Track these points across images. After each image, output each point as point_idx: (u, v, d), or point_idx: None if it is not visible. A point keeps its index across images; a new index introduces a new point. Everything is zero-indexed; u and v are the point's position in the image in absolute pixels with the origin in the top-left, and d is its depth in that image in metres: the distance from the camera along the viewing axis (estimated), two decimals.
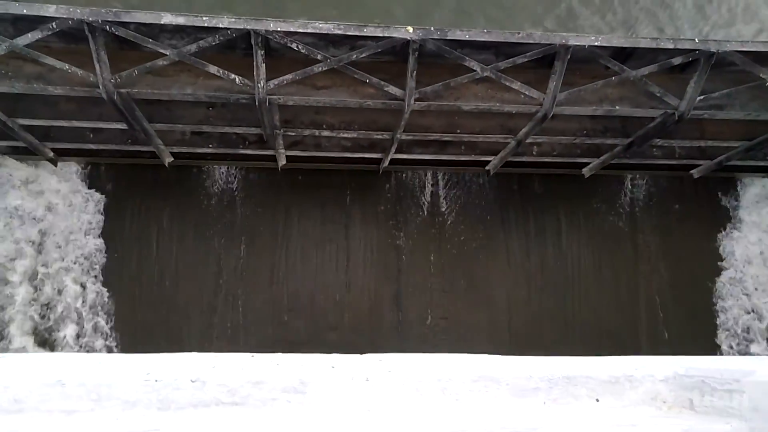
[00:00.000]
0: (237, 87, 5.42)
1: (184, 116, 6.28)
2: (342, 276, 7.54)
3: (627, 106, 6.02)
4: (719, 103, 6.09)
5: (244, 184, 7.53)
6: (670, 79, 6.02)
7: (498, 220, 7.89)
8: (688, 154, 7.42)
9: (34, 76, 5.32)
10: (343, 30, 5.10)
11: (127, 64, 5.26)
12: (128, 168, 7.30)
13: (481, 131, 6.66)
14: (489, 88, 5.86)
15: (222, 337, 7.21)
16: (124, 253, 7.21)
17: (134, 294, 7.18)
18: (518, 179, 7.96)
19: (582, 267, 7.91)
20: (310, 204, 7.60)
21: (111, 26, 4.88)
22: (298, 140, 6.89)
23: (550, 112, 5.83)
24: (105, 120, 6.10)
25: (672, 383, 2.88)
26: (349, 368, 2.77)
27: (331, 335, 7.34)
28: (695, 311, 7.93)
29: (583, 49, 5.39)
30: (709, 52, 5.51)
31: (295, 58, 5.42)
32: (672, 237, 8.08)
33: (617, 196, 8.11)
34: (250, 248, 7.43)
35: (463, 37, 5.24)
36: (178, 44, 5.21)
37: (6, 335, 6.80)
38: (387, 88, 5.54)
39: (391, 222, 7.74)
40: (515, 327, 7.69)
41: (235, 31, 5.01)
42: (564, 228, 7.96)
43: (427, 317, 7.60)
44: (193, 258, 7.34)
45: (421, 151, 7.14)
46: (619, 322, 7.82)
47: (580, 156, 7.39)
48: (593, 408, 2.79)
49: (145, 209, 7.33)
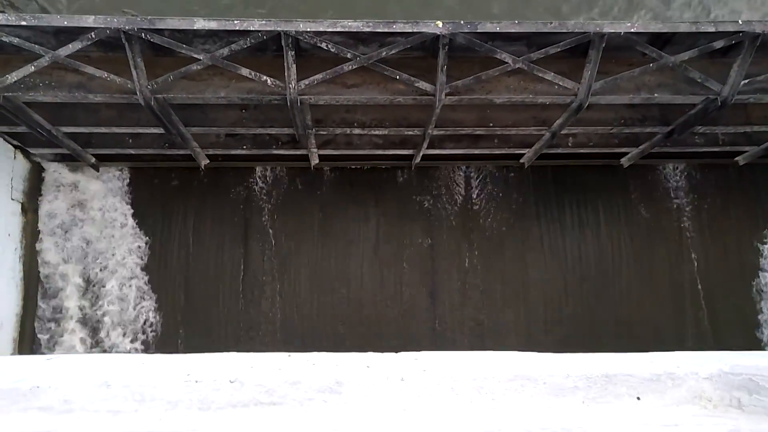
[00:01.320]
0: (269, 88, 5.48)
1: (219, 119, 6.40)
2: (376, 274, 7.56)
3: (666, 94, 5.82)
4: (765, 87, 5.82)
5: (277, 184, 7.64)
6: (711, 63, 5.78)
7: (534, 215, 7.77)
8: (733, 141, 7.13)
9: (76, 85, 5.50)
10: (372, 27, 5.09)
11: (162, 70, 5.39)
12: (166, 171, 7.51)
13: (515, 124, 6.55)
14: (521, 80, 5.75)
15: (259, 336, 7.34)
16: (163, 256, 7.42)
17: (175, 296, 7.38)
18: (554, 172, 7.81)
19: (622, 261, 7.70)
20: (342, 202, 7.64)
21: (146, 33, 5.00)
22: (330, 139, 6.93)
23: (585, 102, 5.69)
24: (143, 125, 6.27)
25: (717, 381, 2.78)
26: (384, 367, 2.78)
27: (366, 334, 7.38)
28: (742, 305, 7.62)
29: (619, 36, 5.22)
30: (754, 34, 5.26)
31: (325, 58, 5.45)
32: (716, 227, 7.78)
33: (658, 186, 7.86)
34: (285, 248, 7.53)
35: (494, 29, 5.15)
36: (211, 48, 5.30)
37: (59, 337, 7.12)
38: (417, 84, 5.51)
39: (425, 219, 7.71)
40: (553, 324, 7.56)
41: (265, 33, 5.07)
42: (602, 220, 7.77)
43: (462, 315, 7.54)
44: (229, 259, 7.49)
45: (453, 146, 7.08)
46: (662, 316, 7.59)
47: (617, 146, 7.19)
48: (634, 407, 2.72)
49: (183, 211, 7.52)
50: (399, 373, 2.75)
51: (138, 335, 7.24)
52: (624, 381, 2.78)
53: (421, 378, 2.75)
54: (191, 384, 2.64)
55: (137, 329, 7.25)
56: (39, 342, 7.11)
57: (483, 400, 2.72)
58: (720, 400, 2.72)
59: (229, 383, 2.64)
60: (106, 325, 7.23)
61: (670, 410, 2.70)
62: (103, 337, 7.21)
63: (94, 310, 7.24)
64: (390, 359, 2.89)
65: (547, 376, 2.79)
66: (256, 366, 2.77)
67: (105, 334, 7.21)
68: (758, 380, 2.66)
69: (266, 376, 2.67)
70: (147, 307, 7.29)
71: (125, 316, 7.25)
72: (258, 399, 2.62)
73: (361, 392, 2.67)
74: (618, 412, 2.68)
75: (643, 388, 2.77)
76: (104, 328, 7.23)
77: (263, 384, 2.64)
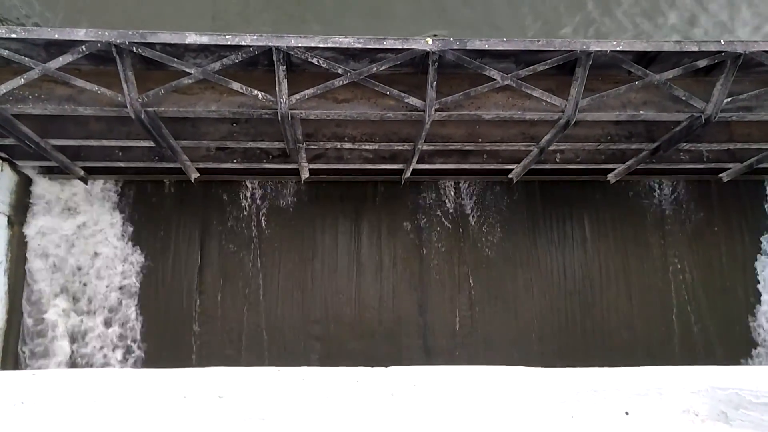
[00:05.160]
0: (260, 102, 5.50)
1: (209, 132, 6.40)
2: (366, 288, 7.56)
3: (652, 111, 5.92)
4: (748, 105, 5.95)
5: (267, 198, 7.64)
6: (695, 82, 5.91)
7: (523, 229, 7.83)
8: (717, 158, 7.25)
9: (65, 98, 5.49)
10: (362, 43, 5.14)
11: (153, 83, 5.40)
12: (155, 185, 7.48)
13: (503, 140, 6.62)
14: (510, 97, 5.83)
15: (248, 351, 7.29)
16: (152, 268, 7.36)
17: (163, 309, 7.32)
18: (542, 187, 7.89)
19: (610, 275, 7.77)
20: (333, 216, 7.66)
21: (138, 47, 5.01)
22: (321, 153, 6.96)
23: (572, 119, 5.77)
24: (133, 138, 6.25)
25: (704, 395, 2.81)
26: (374, 382, 2.78)
27: (356, 348, 7.35)
28: (729, 320, 7.70)
29: (605, 54, 5.32)
30: (735, 54, 5.39)
31: (316, 73, 5.50)
32: (703, 243, 7.89)
33: (644, 202, 7.97)
34: (275, 261, 7.51)
35: (483, 46, 5.23)
36: (203, 63, 5.32)
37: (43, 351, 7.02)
38: (407, 100, 5.56)
39: (415, 233, 7.74)
40: (543, 337, 7.58)
41: (257, 48, 5.10)
42: (590, 235, 7.85)
43: (452, 329, 7.55)
44: (218, 272, 7.45)
45: (442, 161, 7.13)
46: (650, 331, 7.65)
47: (604, 162, 7.28)
48: (623, 421, 2.73)
49: (172, 225, 7.49)
50: (389, 388, 2.75)
51: (125, 350, 7.15)
52: (613, 395, 2.79)
53: (410, 393, 2.75)
54: (179, 400, 2.61)
55: (124, 344, 7.16)
56: (23, 356, 6.99)
57: (473, 415, 2.72)
58: (707, 415, 2.74)
59: (218, 399, 2.62)
60: (93, 339, 7.13)
61: (659, 424, 2.72)
62: (89, 351, 7.11)
63: (80, 324, 7.15)
64: (380, 374, 2.88)
65: (536, 390, 2.80)
66: (245, 381, 2.75)
67: (91, 349, 7.12)
68: (744, 395, 2.69)
69: (256, 391, 2.66)
70: (134, 322, 7.21)
71: (112, 331, 7.16)
72: (247, 415, 2.59)
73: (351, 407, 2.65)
74: (607, 427, 2.69)
75: (632, 402, 2.78)
76: (90, 342, 7.13)
77: (252, 399, 2.62)
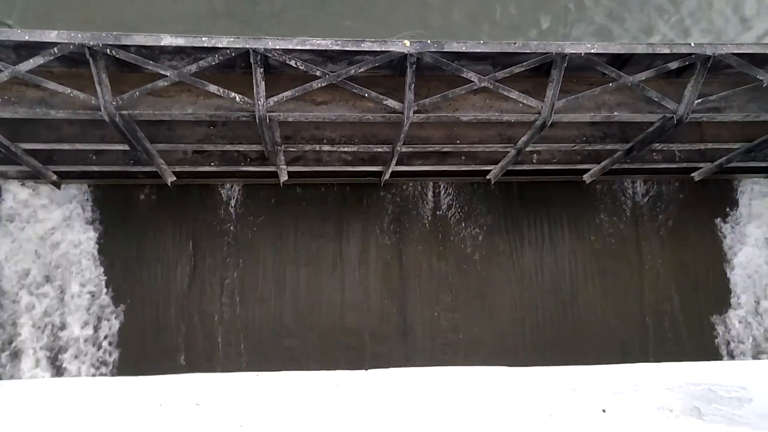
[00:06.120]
0: (237, 105, 5.46)
1: (186, 135, 6.33)
2: (346, 291, 7.54)
3: (625, 112, 6.03)
4: (717, 106, 6.10)
5: (246, 201, 7.57)
6: (668, 83, 6.04)
7: (501, 230, 7.89)
8: (689, 157, 7.42)
9: (37, 101, 5.37)
10: (340, 46, 5.14)
11: (128, 86, 5.32)
12: (130, 188, 7.36)
13: (481, 141, 6.68)
14: (487, 98, 5.89)
15: (226, 356, 7.21)
16: (126, 273, 7.24)
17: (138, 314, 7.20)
18: (519, 188, 7.97)
19: (586, 274, 7.88)
20: (312, 219, 7.62)
21: (112, 49, 4.93)
22: (299, 156, 6.93)
23: (548, 120, 5.85)
24: (107, 142, 6.15)
25: (678, 391, 2.87)
26: (354, 386, 2.77)
27: (335, 351, 7.33)
28: (701, 317, 7.88)
29: (580, 56, 5.41)
30: (705, 56, 5.52)
31: (294, 75, 5.47)
32: (675, 241, 8.05)
33: (619, 202, 8.10)
34: (254, 265, 7.45)
35: (460, 48, 5.27)
36: (178, 65, 5.26)
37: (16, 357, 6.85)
38: (386, 102, 5.58)
39: (394, 235, 7.75)
40: (522, 336, 7.65)
41: (234, 50, 5.06)
42: (567, 235, 7.95)
43: (432, 330, 7.57)
44: (195, 276, 7.36)
45: (421, 163, 7.16)
46: (625, 329, 7.78)
47: (580, 162, 7.39)
48: (600, 418, 2.77)
49: (148, 229, 7.37)
50: (369, 391, 2.75)
51: (97, 358, 7.02)
52: (590, 393, 2.83)
53: (391, 395, 2.75)
54: (155, 408, 2.58)
55: (97, 352, 7.02)
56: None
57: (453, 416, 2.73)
58: (681, 410, 2.80)
59: (195, 406, 2.59)
60: (64, 348, 6.98)
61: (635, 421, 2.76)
62: (61, 361, 6.96)
63: (52, 332, 6.99)
64: (359, 377, 2.88)
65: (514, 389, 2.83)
66: (222, 387, 2.72)
67: (63, 358, 6.96)
68: (716, 390, 2.75)
69: (233, 397, 2.63)
70: (107, 329, 7.08)
71: (84, 338, 7.02)
72: (225, 422, 2.57)
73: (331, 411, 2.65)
74: (584, 424, 2.72)
75: (609, 399, 2.83)
76: (62, 351, 6.98)
77: (230, 405, 2.60)
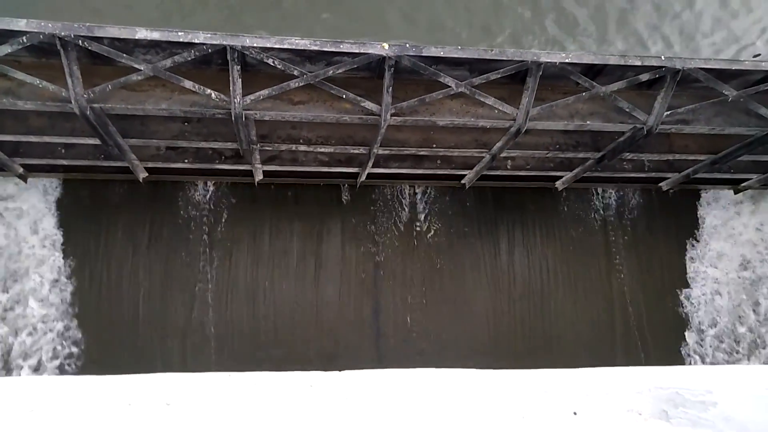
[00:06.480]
0: (213, 102, 5.39)
1: (159, 131, 6.21)
2: (320, 291, 7.50)
3: (597, 121, 6.17)
4: (685, 118, 6.30)
5: (220, 199, 7.46)
6: (638, 95, 6.20)
7: (475, 234, 7.96)
8: (657, 168, 7.62)
9: (4, 91, 5.21)
10: (319, 46, 5.12)
11: (100, 78, 5.20)
12: (101, 184, 7.18)
13: (457, 146, 6.73)
14: (463, 104, 5.94)
15: (199, 356, 7.09)
16: (95, 270, 7.05)
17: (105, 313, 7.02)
18: (493, 193, 8.06)
19: (557, 279, 8.01)
20: (287, 219, 7.56)
21: (84, 41, 4.81)
22: (275, 155, 6.87)
23: (523, 127, 5.93)
24: (77, 135, 5.99)
25: (647, 395, 2.93)
26: (327, 386, 2.76)
27: (309, 352, 7.28)
28: (668, 322, 8.09)
29: (555, 65, 5.51)
30: (674, 69, 5.69)
31: (272, 74, 5.43)
32: (643, 249, 8.26)
33: (590, 209, 8.27)
34: (227, 264, 7.35)
35: (438, 53, 5.31)
36: (153, 59, 5.17)
37: None
38: (363, 104, 5.58)
39: (369, 236, 7.74)
40: (494, 340, 7.73)
41: (211, 47, 4.99)
42: (539, 241, 8.07)
43: (406, 332, 7.59)
44: (167, 275, 7.21)
45: (397, 166, 7.17)
46: (595, 333, 7.93)
47: (553, 170, 7.52)
48: (571, 421, 2.82)
49: (118, 226, 7.19)
50: (343, 392, 2.73)
51: (64, 358, 6.81)
52: (561, 396, 2.88)
53: (364, 396, 2.74)
54: (123, 408, 2.51)
55: (58, 351, 6.82)
56: None
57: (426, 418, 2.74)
58: (650, 413, 2.86)
59: (166, 406, 2.53)
60: (26, 346, 6.76)
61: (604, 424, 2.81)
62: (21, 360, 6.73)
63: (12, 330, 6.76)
64: (333, 378, 2.86)
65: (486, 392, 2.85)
66: (194, 387, 2.67)
67: (23, 357, 6.74)
68: (683, 393, 2.83)
69: (205, 398, 2.59)
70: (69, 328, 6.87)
71: (46, 337, 6.81)
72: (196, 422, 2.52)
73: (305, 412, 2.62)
74: (556, 426, 2.76)
75: (579, 402, 2.87)
76: (23, 349, 6.75)
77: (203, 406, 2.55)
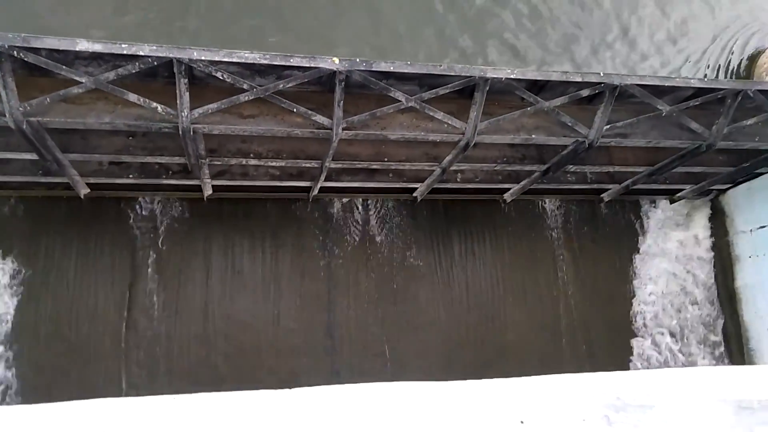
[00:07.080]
0: (159, 115, 5.25)
1: (102, 146, 6.01)
2: (272, 308, 7.38)
3: (542, 135, 6.37)
4: (624, 132, 6.58)
5: (167, 215, 7.26)
6: (580, 109, 6.45)
7: (428, 246, 8.05)
8: (599, 179, 7.93)
9: None
10: (269, 60, 5.10)
11: (38, 91, 4.99)
12: (39, 201, 6.86)
13: (408, 159, 6.82)
14: (414, 118, 6.03)
15: (142, 378, 6.83)
16: (32, 291, 6.71)
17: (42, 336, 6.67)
18: (445, 205, 8.19)
19: (507, 289, 8.18)
20: (238, 234, 7.43)
21: (19, 52, 4.62)
22: (225, 169, 6.76)
23: (471, 141, 6.07)
24: (13, 150, 5.73)
25: (590, 401, 3.03)
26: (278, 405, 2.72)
27: (259, 370, 7.13)
28: (613, 330, 8.39)
29: (501, 81, 5.68)
30: (612, 85, 5.96)
31: (221, 87, 5.35)
32: (588, 259, 8.55)
33: (537, 220, 8.51)
34: (174, 282, 7.13)
35: (388, 68, 5.38)
36: (95, 71, 5.01)
37: None
38: (314, 118, 5.57)
39: (323, 250, 7.70)
40: (447, 351, 7.80)
41: (156, 59, 4.89)
42: (489, 252, 8.23)
43: (360, 346, 7.56)
44: (111, 295, 6.94)
45: (350, 179, 7.20)
46: (542, 341, 8.13)
47: (501, 182, 7.72)
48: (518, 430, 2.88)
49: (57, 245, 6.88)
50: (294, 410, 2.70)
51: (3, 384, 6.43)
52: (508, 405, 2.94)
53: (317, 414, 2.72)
54: None
55: None
56: None
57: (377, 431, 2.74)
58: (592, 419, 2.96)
59: None
60: None
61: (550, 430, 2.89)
62: None
63: None
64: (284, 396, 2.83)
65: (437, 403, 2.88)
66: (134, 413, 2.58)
67: None
68: (624, 398, 2.94)
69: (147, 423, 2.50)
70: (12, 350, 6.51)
71: None
72: None
73: None
74: None
75: (526, 410, 2.94)
76: None
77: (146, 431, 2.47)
